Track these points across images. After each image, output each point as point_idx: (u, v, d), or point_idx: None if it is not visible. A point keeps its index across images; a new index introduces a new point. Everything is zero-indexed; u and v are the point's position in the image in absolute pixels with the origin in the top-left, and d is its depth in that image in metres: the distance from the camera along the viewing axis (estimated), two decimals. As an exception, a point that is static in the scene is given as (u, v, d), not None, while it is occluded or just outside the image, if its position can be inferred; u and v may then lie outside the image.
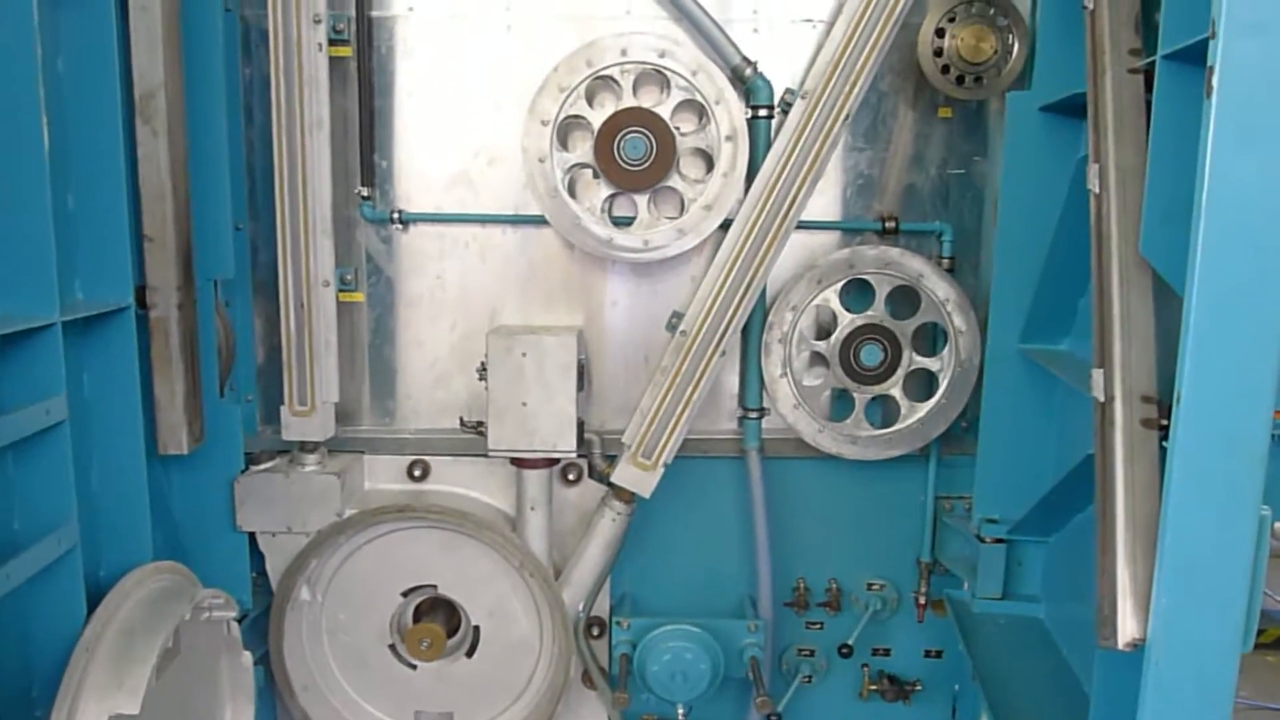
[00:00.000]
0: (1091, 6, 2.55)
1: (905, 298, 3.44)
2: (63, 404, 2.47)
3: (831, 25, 3.26)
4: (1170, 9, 2.12)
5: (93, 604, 2.59)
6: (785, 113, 3.28)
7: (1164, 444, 2.01)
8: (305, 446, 3.50)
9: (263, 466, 3.52)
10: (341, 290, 3.51)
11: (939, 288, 3.36)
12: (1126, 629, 2.00)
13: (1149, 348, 2.22)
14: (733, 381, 3.62)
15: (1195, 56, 1.95)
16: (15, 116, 2.36)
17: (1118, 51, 2.41)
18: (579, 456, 3.48)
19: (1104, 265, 2.29)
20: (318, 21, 3.22)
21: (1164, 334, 2.24)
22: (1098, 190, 2.38)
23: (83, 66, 2.68)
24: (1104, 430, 2.21)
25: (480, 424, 3.45)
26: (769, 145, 3.26)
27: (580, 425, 3.41)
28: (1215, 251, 1.82)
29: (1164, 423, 2.10)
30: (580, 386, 3.35)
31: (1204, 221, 1.82)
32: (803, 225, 3.37)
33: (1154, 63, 2.20)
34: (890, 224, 3.46)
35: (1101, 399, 2.24)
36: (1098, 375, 2.26)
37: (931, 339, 3.52)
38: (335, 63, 3.36)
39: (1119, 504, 2.09)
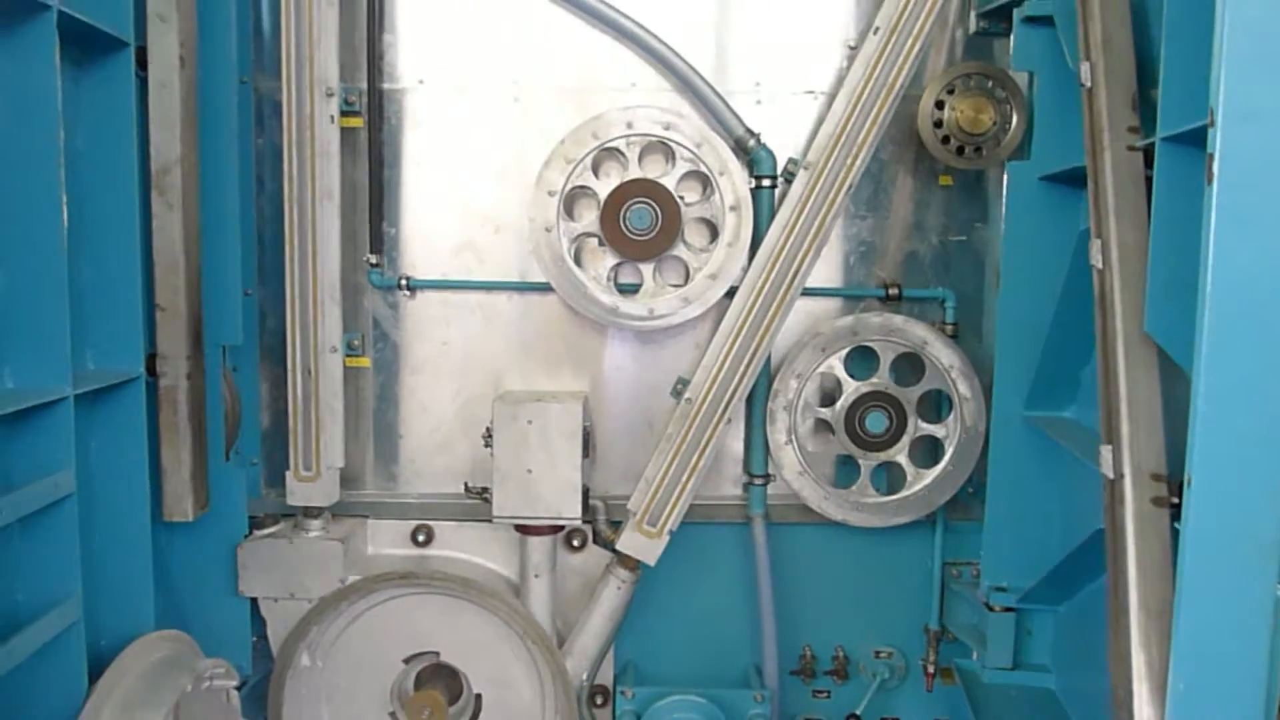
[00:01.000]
0: (1089, 84, 2.61)
1: (909, 364, 3.46)
2: (71, 477, 2.47)
3: (833, 98, 3.32)
4: (1168, 93, 2.16)
5: (94, 672, 2.57)
6: (788, 182, 3.33)
7: (1176, 524, 2.01)
8: (309, 512, 3.49)
9: (266, 531, 3.50)
10: (348, 355, 3.53)
11: (943, 355, 3.39)
12: (1143, 715, 1.98)
13: (1157, 425, 2.23)
14: (738, 447, 3.62)
15: (1195, 139, 1.99)
16: (36, 194, 2.41)
17: (1116, 130, 2.46)
18: (583, 522, 3.47)
19: (1109, 341, 2.31)
20: (330, 95, 3.28)
21: (1172, 407, 2.26)
22: (1100, 266, 2.41)
23: (102, 143, 2.74)
24: (1114, 508, 2.21)
25: (485, 489, 3.45)
26: (773, 214, 3.30)
27: (585, 491, 3.41)
28: (1221, 337, 1.84)
29: (1175, 500, 2.11)
30: (585, 453, 3.36)
31: (1209, 307, 1.84)
32: (806, 292, 3.40)
33: (1153, 142, 2.25)
34: (893, 290, 3.49)
35: (1110, 476, 2.24)
36: (1106, 452, 2.27)
37: (936, 405, 3.53)
38: (346, 133, 3.41)
39: (1131, 585, 2.09)
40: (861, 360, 3.46)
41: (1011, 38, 3.24)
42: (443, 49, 3.46)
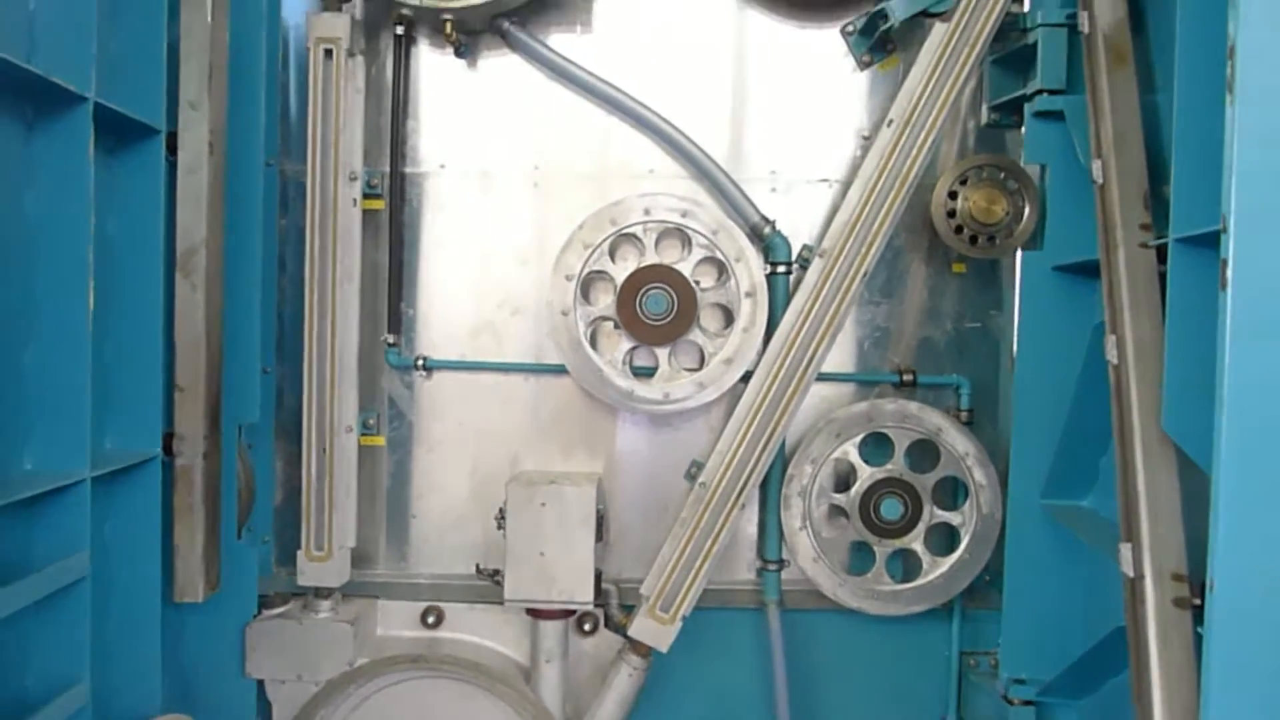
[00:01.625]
0: (1101, 181, 2.65)
1: (925, 451, 3.45)
2: (86, 560, 2.47)
3: (847, 186, 3.37)
4: (1180, 195, 2.19)
5: (99, 755, 2.54)
6: (803, 268, 3.37)
7: (1199, 627, 1.98)
8: (319, 592, 3.46)
9: (275, 611, 3.48)
10: (363, 434, 3.54)
11: (958, 442, 3.38)
12: (1169, 823, 1.93)
13: (1177, 524, 2.21)
14: (752, 531, 3.60)
15: (1208, 240, 2.02)
16: (65, 278, 2.45)
17: (1129, 227, 2.49)
18: (596, 606, 3.44)
19: (1127, 438, 2.31)
20: (354, 179, 3.36)
21: (1192, 503, 2.24)
22: (1116, 361, 2.42)
23: (130, 225, 2.79)
24: (1135, 608, 2.18)
25: (497, 572, 3.43)
26: (788, 300, 3.33)
27: (598, 575, 3.38)
28: (1239, 442, 1.84)
29: (1197, 601, 2.08)
30: (599, 536, 3.35)
31: (1226, 411, 1.84)
32: (821, 377, 3.40)
33: (1166, 241, 2.28)
34: (908, 376, 3.50)
35: (1131, 575, 2.22)
36: (1126, 550, 2.24)
37: (952, 492, 3.51)
38: (368, 214, 3.48)
39: (1155, 688, 2.05)
40: (876, 446, 3.45)
41: (1023, 130, 3.32)
42: (464, 135, 3.54)
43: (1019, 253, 3.39)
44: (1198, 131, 2.11)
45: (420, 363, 3.55)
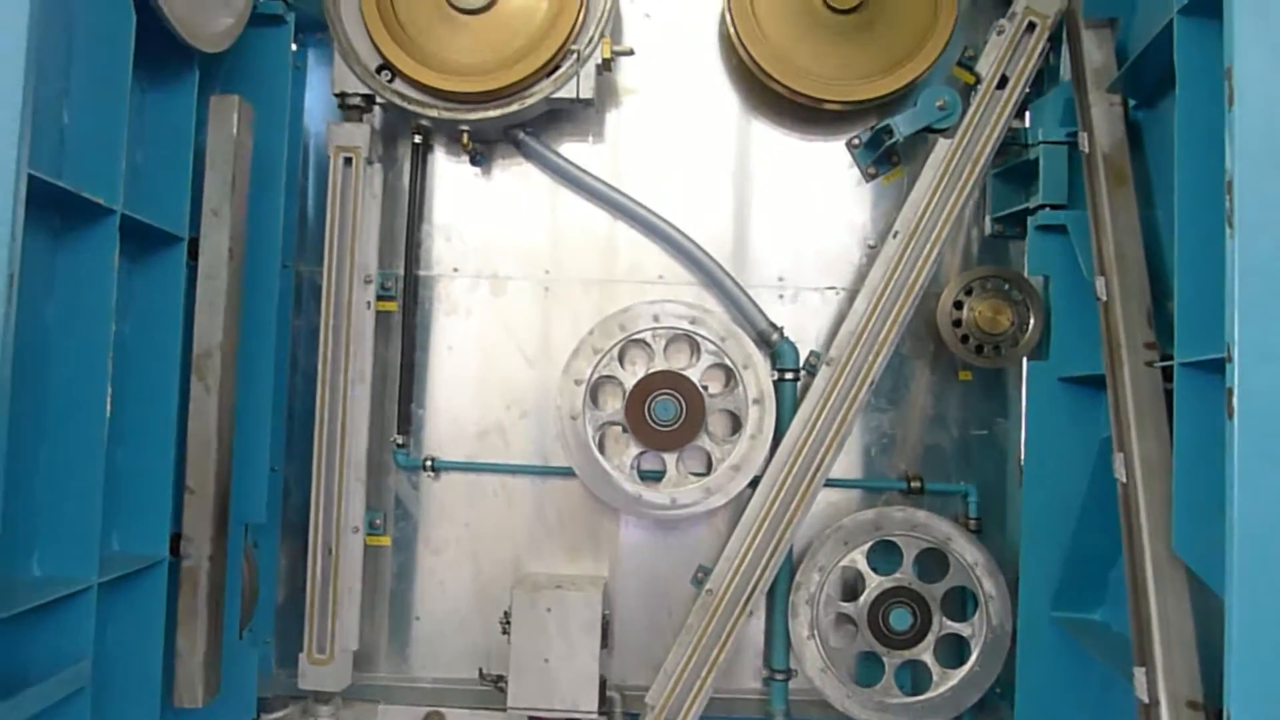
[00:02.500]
0: (1104, 299, 2.69)
1: (933, 559, 3.42)
2: (88, 668, 2.44)
3: (853, 295, 3.42)
4: (1184, 321, 2.22)
5: None
6: (810, 374, 3.39)
7: (1217, 760, 1.94)
8: (320, 696, 3.41)
9: (275, 716, 3.42)
10: (369, 534, 3.53)
11: (967, 551, 3.35)
12: None
13: (1191, 649, 2.18)
14: (758, 639, 3.55)
15: (1214, 365, 2.04)
16: (83, 384, 2.47)
17: (1133, 345, 2.52)
18: (600, 715, 3.37)
19: (1137, 559, 2.30)
20: (368, 281, 3.42)
21: (1207, 624, 2.22)
22: (1124, 480, 2.42)
23: (148, 329, 2.82)
24: (1151, 736, 2.14)
25: (500, 677, 3.37)
26: (795, 406, 3.35)
27: (602, 682, 3.33)
28: (1251, 570, 1.83)
29: (1213, 731, 2.04)
30: (603, 643, 3.30)
31: (1237, 539, 1.84)
32: (828, 483, 3.39)
33: (1172, 363, 2.30)
34: (915, 483, 3.50)
35: (1145, 700, 2.18)
36: (1140, 675, 2.21)
37: (961, 603, 3.47)
38: (380, 316, 3.54)
39: (1173, 822, 2.00)
40: (884, 554, 3.42)
41: (1026, 242, 3.39)
42: (477, 239, 3.63)
43: (1025, 362, 3.42)
44: (1199, 258, 2.16)
45: (428, 463, 3.56)
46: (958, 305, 3.40)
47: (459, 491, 3.60)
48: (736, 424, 3.35)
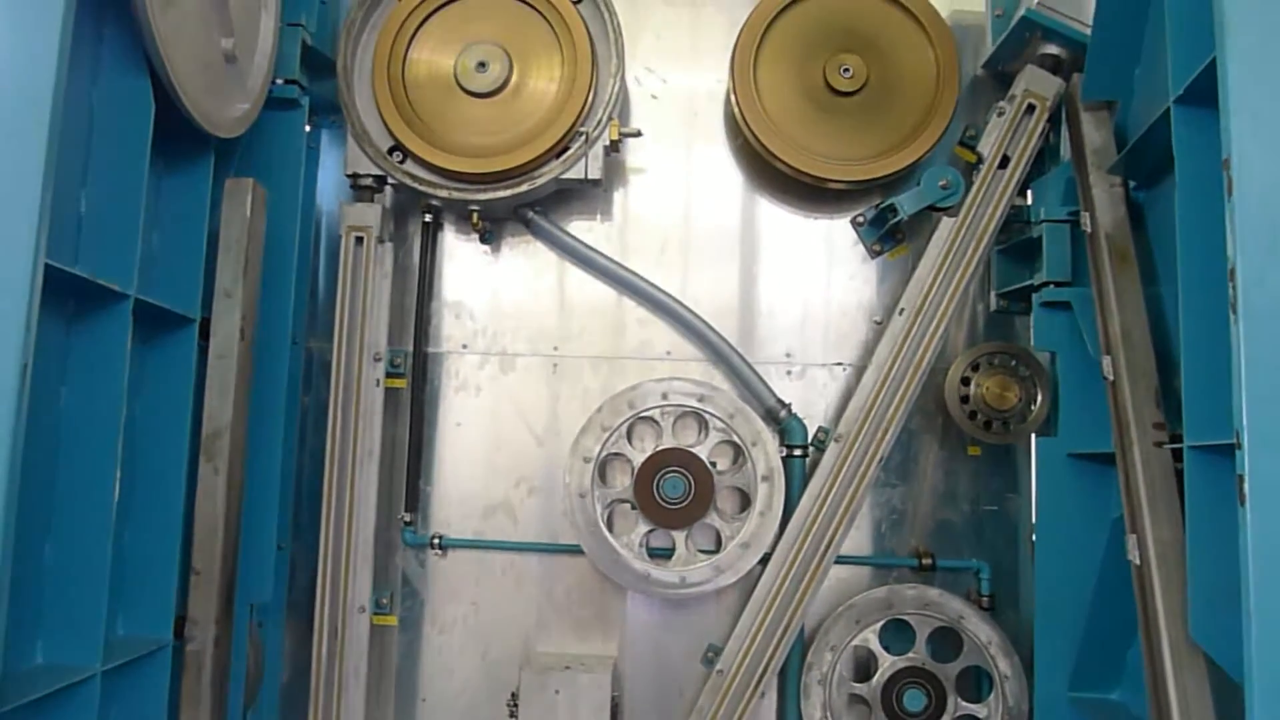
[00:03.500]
0: (1111, 378, 2.69)
1: (946, 638, 3.37)
2: (88, 760, 2.40)
3: (860, 370, 3.43)
4: (1191, 404, 2.22)
5: None
6: (819, 449, 3.39)
7: None
8: (323, 780, 3.34)
9: (277, 801, 3.35)
10: (376, 613, 3.50)
11: (981, 630, 3.31)
12: None
13: (1213, 740, 2.14)
14: (770, 717, 3.48)
15: (1224, 448, 2.03)
16: (92, 470, 2.48)
17: (1142, 426, 2.52)
18: (608, 800, 3.30)
19: (1154, 645, 2.26)
20: (378, 359, 3.43)
21: (1227, 711, 2.17)
22: (1138, 562, 2.39)
23: (158, 411, 2.84)
24: (1175, 830, 2.08)
25: (507, 762, 3.32)
26: (805, 482, 3.34)
27: (612, 766, 3.27)
28: (1271, 662, 1.80)
29: (1240, 827, 1.98)
30: (613, 724, 3.25)
31: (1255, 629, 1.81)
32: (839, 560, 3.37)
33: (1181, 444, 2.29)
34: (926, 560, 3.46)
35: (1169, 793, 2.13)
36: (1161, 765, 2.16)
37: (976, 682, 3.41)
38: (389, 392, 3.54)
39: None
40: (897, 633, 3.37)
41: (1031, 317, 3.40)
42: (486, 316, 3.66)
43: (1033, 437, 3.41)
44: (1204, 342, 2.16)
45: (436, 541, 3.54)
46: (965, 381, 3.41)
47: (466, 569, 3.57)
48: (746, 501, 3.34)
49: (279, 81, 3.35)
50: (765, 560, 3.29)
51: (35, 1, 2.06)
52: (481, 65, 3.37)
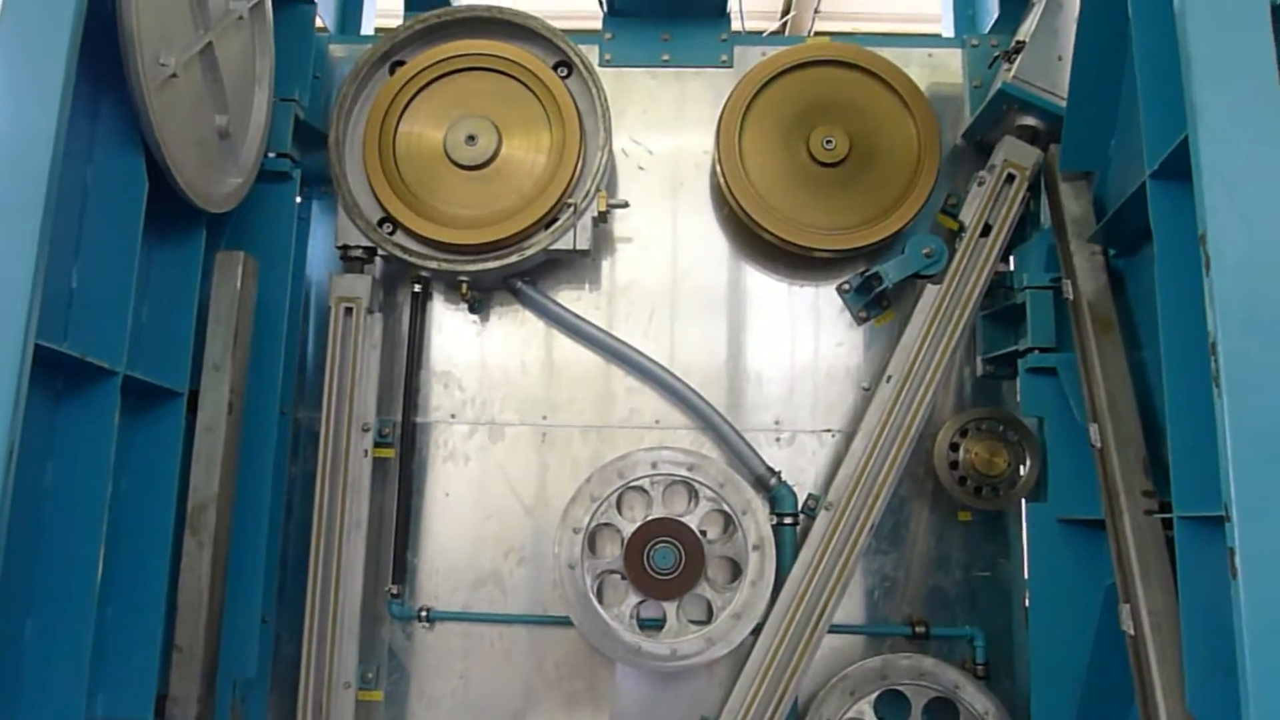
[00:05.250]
0: (1098, 445, 2.70)
1: (943, 709, 3.32)
2: (64, 845, 2.33)
3: (849, 437, 3.44)
4: (1179, 475, 2.22)
5: None
6: (809, 517, 3.38)
7: None
8: None
9: None
10: (361, 688, 3.43)
11: (977, 700, 3.27)
12: None
13: (1213, 815, 2.10)
14: (765, 795, 3.41)
15: (1215, 519, 2.03)
16: (77, 545, 2.45)
17: (1131, 494, 2.52)
18: None
19: (1152, 719, 2.23)
20: (366, 429, 3.42)
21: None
22: (1133, 632, 2.38)
23: (143, 485, 2.81)
24: None
25: (495, 843, 3.23)
26: (796, 551, 3.32)
27: (602, 847, 3.19)
28: (1268, 735, 1.78)
29: None
30: (604, 804, 3.17)
31: (1253, 704, 1.79)
32: (831, 629, 3.33)
33: (1171, 512, 2.29)
34: (920, 628, 3.43)
35: None
36: (1163, 845, 2.13)
37: (973, 754, 3.36)
38: (377, 462, 3.51)
39: None
40: (892, 703, 3.33)
41: (1018, 382, 3.42)
42: (475, 386, 3.66)
43: (1024, 502, 3.41)
44: (1190, 413, 2.17)
45: (423, 614, 3.49)
46: (954, 447, 3.41)
47: (454, 642, 3.52)
48: (736, 570, 3.31)
49: (271, 155, 3.40)
50: (757, 631, 3.25)
51: (33, 82, 2.10)
52: (471, 138, 3.42)
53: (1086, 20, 2.83)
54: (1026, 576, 3.38)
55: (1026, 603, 3.39)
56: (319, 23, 3.83)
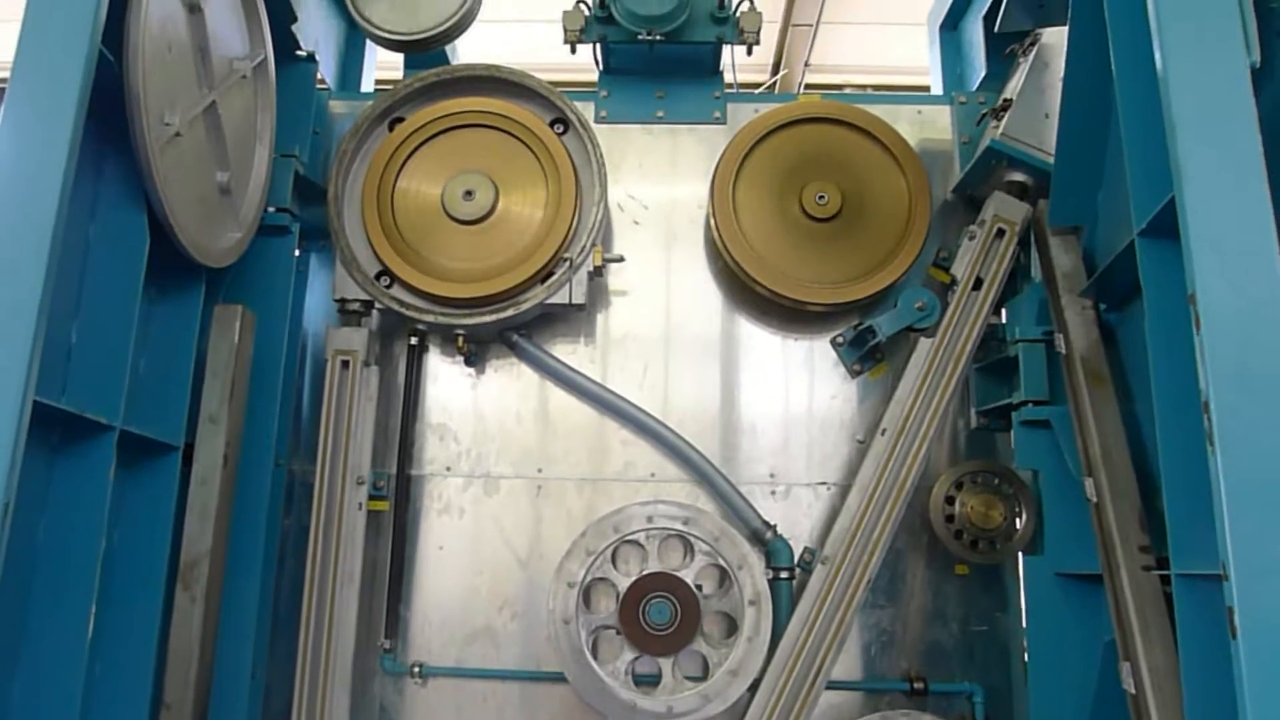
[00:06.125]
0: (1094, 499, 2.71)
1: (942, 767, 3.29)
2: None
3: (845, 489, 3.44)
4: (1176, 532, 2.23)
5: None
6: (805, 571, 3.36)
7: None
8: None
9: None
10: (352, 747, 3.38)
11: (976, 758, 3.23)
12: None
13: None
14: None
15: (1213, 577, 2.03)
16: (67, 602, 2.45)
17: (1128, 548, 2.52)
18: None
19: (1154, 779, 2.22)
20: (361, 483, 3.41)
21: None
22: (1133, 690, 2.37)
23: (136, 539, 2.80)
24: None
25: None
26: (792, 605, 3.30)
27: None
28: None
29: None
30: None
31: (1256, 764, 1.78)
32: (829, 686, 3.29)
33: (1168, 568, 2.29)
34: (918, 684, 3.40)
35: None
36: None
37: (974, 814, 3.31)
38: (371, 515, 3.49)
39: None
40: (891, 762, 3.29)
41: (1012, 434, 3.43)
42: (470, 438, 3.65)
43: (1021, 556, 3.40)
44: (1184, 470, 2.18)
45: (416, 669, 3.45)
46: (949, 500, 3.41)
47: (447, 698, 3.47)
48: (732, 626, 3.29)
49: (271, 209, 3.43)
50: (754, 687, 3.21)
51: (40, 142, 2.13)
52: (468, 194, 3.46)
53: (1072, 80, 2.89)
54: (1025, 630, 3.36)
55: (1025, 657, 3.37)
56: (320, 80, 3.90)
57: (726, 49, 3.80)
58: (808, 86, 10.14)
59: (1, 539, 1.92)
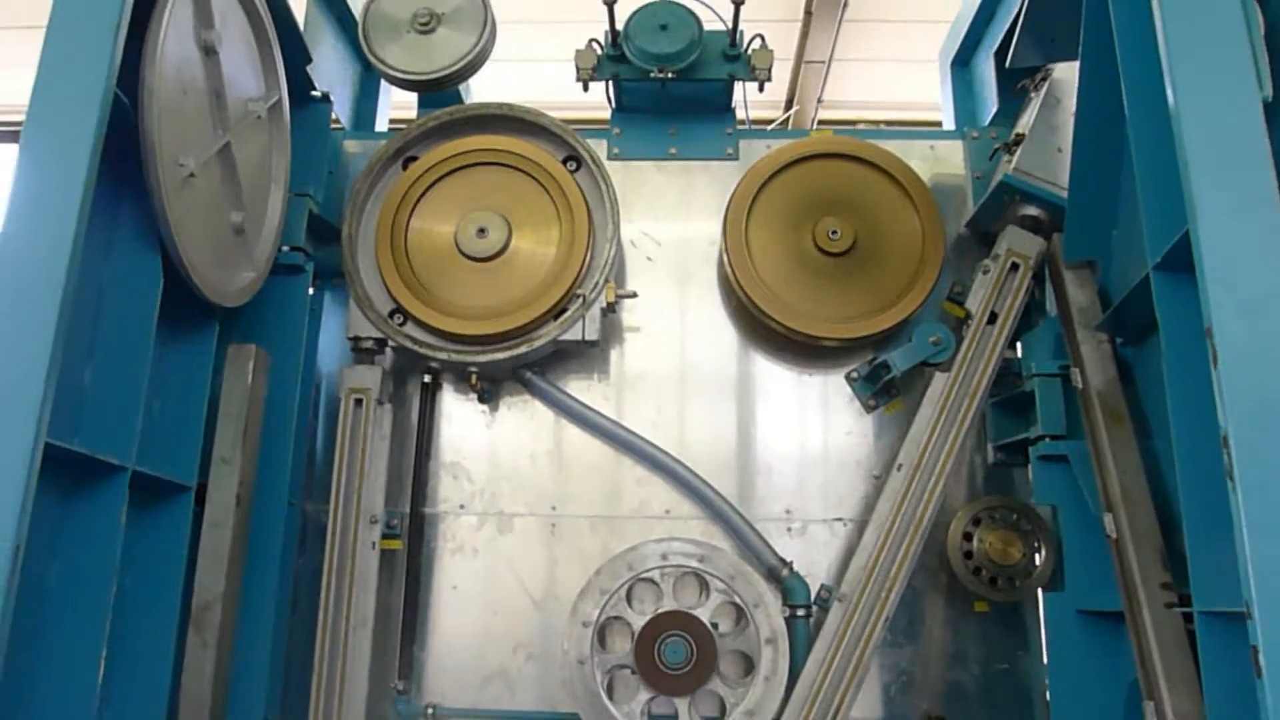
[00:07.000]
0: (1114, 536, 2.66)
1: (964, 811, 3.21)
2: None
3: (861, 525, 3.40)
4: (1198, 570, 2.19)
5: None
6: (822, 608, 3.32)
7: None
8: None
9: None
10: (363, 794, 3.34)
11: (999, 802, 3.16)
12: None
13: None
14: None
15: (1237, 615, 1.99)
16: (77, 645, 2.42)
17: (1150, 587, 2.48)
18: None
19: (1182, 826, 2.16)
20: (374, 522, 3.40)
21: None
22: (1159, 734, 2.31)
23: (148, 582, 2.78)
24: None
25: None
26: (809, 644, 3.25)
27: None
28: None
29: None
30: None
31: (1284, 811, 1.73)
32: (848, 727, 3.25)
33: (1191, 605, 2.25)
34: (939, 726, 3.34)
35: None
36: None
37: None
38: (385, 555, 3.47)
39: None
40: (912, 805, 3.22)
41: (1030, 469, 3.39)
42: (484, 477, 3.64)
43: (1041, 593, 3.35)
44: (1205, 506, 2.15)
45: (430, 711, 3.41)
46: (967, 537, 3.37)
47: (461, 742, 3.43)
48: (749, 665, 3.24)
49: (285, 249, 3.46)
50: (772, 728, 3.17)
51: (55, 186, 2.16)
52: (481, 231, 3.48)
53: (1084, 114, 2.89)
54: (1046, 669, 3.29)
55: (1048, 696, 3.30)
56: (335, 120, 3.94)
57: (739, 85, 3.83)
58: (821, 122, 10.18)
59: (12, 580, 1.91)
